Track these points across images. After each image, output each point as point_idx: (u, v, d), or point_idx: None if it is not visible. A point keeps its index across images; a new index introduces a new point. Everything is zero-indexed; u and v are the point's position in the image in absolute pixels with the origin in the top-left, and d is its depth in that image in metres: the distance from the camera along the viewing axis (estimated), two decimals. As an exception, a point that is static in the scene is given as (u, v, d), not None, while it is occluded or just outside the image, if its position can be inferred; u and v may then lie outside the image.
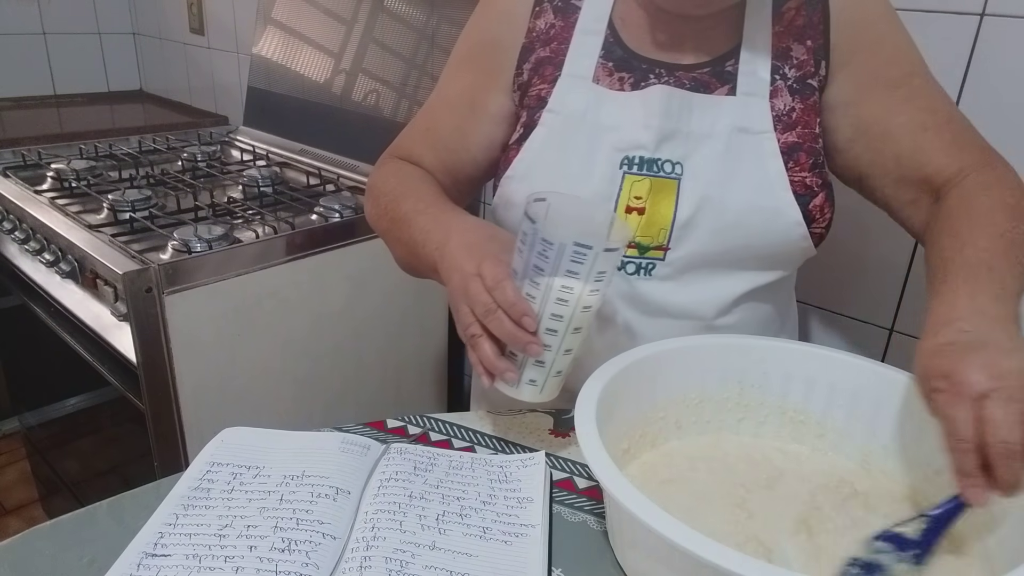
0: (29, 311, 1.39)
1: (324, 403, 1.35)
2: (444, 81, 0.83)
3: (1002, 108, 0.90)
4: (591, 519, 0.59)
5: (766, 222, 0.70)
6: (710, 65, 0.71)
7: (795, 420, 0.67)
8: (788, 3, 0.72)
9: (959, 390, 0.48)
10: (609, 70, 0.73)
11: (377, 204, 0.79)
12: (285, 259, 1.20)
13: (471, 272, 0.60)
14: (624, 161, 0.70)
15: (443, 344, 1.55)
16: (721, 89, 0.71)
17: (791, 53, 0.71)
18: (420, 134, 0.83)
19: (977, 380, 0.48)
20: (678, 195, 0.69)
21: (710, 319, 0.73)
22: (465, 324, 0.60)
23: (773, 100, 0.70)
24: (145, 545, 0.53)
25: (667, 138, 0.69)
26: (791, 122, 0.71)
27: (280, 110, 1.77)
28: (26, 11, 2.17)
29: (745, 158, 0.69)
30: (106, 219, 1.26)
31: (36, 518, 1.85)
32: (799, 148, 0.70)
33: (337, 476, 0.60)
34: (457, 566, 0.51)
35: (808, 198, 0.70)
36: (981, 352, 0.50)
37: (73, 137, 1.78)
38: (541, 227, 0.56)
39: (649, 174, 0.69)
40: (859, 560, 0.49)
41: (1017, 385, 0.47)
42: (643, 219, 0.70)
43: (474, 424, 0.71)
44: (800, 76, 0.71)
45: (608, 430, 0.54)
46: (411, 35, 1.48)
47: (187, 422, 1.14)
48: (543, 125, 0.73)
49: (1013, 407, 0.46)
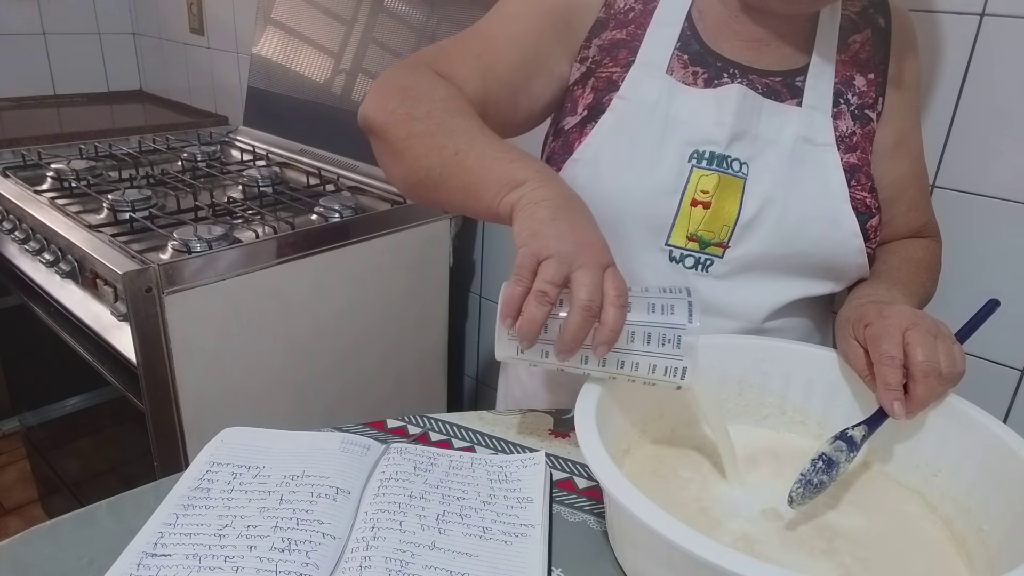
0: (29, 311, 1.39)
1: (324, 403, 1.35)
2: (503, 15, 0.76)
3: (1002, 108, 0.90)
4: (591, 519, 0.59)
5: (825, 231, 0.71)
6: (782, 76, 0.73)
7: (795, 420, 0.67)
8: (854, 36, 0.75)
9: (888, 323, 0.60)
10: (684, 63, 0.72)
11: (413, 103, 0.67)
12: (285, 259, 1.20)
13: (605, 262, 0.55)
14: (694, 155, 0.70)
15: (443, 344, 1.55)
16: (791, 101, 0.72)
17: (854, 82, 0.74)
18: (471, 57, 0.74)
19: (902, 318, 0.60)
20: (743, 194, 0.70)
21: (758, 322, 0.73)
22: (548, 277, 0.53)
23: (836, 121, 0.72)
24: (145, 545, 0.53)
25: (737, 137, 0.70)
26: (852, 144, 0.73)
27: (280, 110, 1.77)
28: (26, 11, 2.17)
29: (808, 167, 0.71)
30: (106, 219, 1.26)
31: (36, 518, 1.85)
32: (859, 169, 0.72)
33: (337, 476, 0.60)
34: (457, 566, 0.51)
35: (867, 216, 0.72)
36: (899, 305, 0.64)
37: (73, 137, 1.79)
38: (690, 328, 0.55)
39: (718, 170, 0.70)
40: (824, 455, 0.57)
41: (932, 324, 0.60)
42: (708, 213, 0.70)
43: (474, 424, 0.71)
44: (860, 104, 0.74)
45: (608, 430, 0.54)
46: (411, 35, 1.49)
47: (187, 422, 1.14)
48: (612, 111, 0.72)
49: (930, 338, 0.58)
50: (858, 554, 0.53)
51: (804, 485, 0.55)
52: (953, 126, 0.94)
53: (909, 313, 0.61)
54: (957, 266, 0.81)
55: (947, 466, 0.59)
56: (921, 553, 0.55)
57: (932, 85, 0.94)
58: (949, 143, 0.95)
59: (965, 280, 0.95)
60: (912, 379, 0.58)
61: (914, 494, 0.61)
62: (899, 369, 0.58)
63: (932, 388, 0.57)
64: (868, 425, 0.59)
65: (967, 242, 0.94)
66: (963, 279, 0.95)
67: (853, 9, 0.76)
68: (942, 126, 0.95)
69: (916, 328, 0.59)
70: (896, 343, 0.58)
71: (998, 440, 0.55)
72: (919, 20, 0.92)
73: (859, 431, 0.58)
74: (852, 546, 0.54)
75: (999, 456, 0.54)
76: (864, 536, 0.56)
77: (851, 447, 0.57)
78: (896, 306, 0.63)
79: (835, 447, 0.57)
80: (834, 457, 0.56)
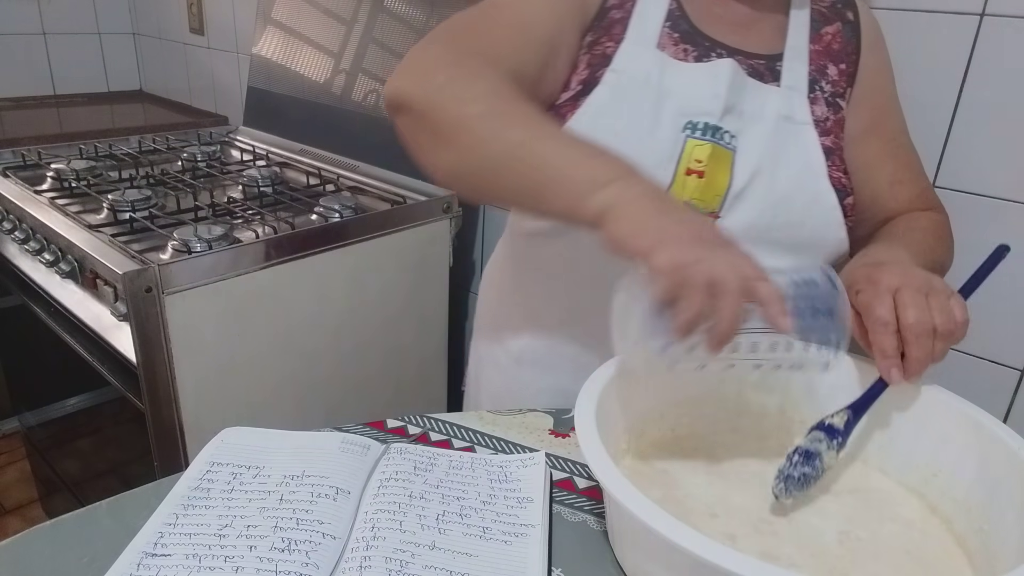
0: (29, 311, 1.39)
1: (324, 403, 1.35)
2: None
3: (1002, 108, 0.90)
4: (591, 519, 0.59)
5: (808, 204, 0.73)
6: (765, 59, 0.75)
7: (794, 420, 0.67)
8: (826, 28, 0.78)
9: (878, 287, 0.59)
10: (675, 40, 0.74)
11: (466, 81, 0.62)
12: (285, 259, 1.20)
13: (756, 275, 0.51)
14: (688, 125, 0.71)
15: (443, 344, 1.55)
16: (773, 83, 0.75)
17: (827, 71, 0.77)
18: (512, 29, 0.68)
19: (891, 278, 0.59)
20: (733, 165, 0.71)
21: None
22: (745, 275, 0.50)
23: (813, 106, 0.75)
24: (145, 545, 0.53)
25: (729, 111, 0.71)
26: (826, 129, 0.75)
27: (280, 110, 1.77)
28: (26, 11, 2.17)
29: (789, 144, 0.73)
30: (106, 219, 1.26)
31: (36, 518, 1.85)
32: (833, 152, 0.75)
33: (337, 476, 0.60)
34: (457, 566, 0.51)
35: (844, 194, 0.74)
36: (893, 265, 0.62)
37: (73, 137, 1.79)
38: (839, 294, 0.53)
39: (712, 140, 0.70)
40: (800, 448, 0.56)
41: (923, 281, 0.58)
42: (702, 183, 0.70)
43: (474, 424, 0.71)
44: (833, 92, 0.76)
45: (608, 430, 0.54)
46: (411, 35, 1.49)
47: (187, 422, 1.14)
48: (604, 84, 0.72)
49: (920, 296, 0.57)
50: (857, 554, 0.53)
51: (784, 480, 0.55)
52: (953, 126, 0.94)
53: (898, 272, 0.60)
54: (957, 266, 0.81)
55: (947, 466, 0.59)
56: (921, 553, 0.55)
57: (932, 85, 0.94)
58: (949, 143, 0.95)
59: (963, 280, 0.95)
60: (906, 343, 0.57)
61: (914, 494, 0.61)
62: (893, 334, 0.57)
63: (927, 348, 0.56)
64: (853, 409, 0.58)
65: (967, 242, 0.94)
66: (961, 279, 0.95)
67: (823, 3, 0.79)
68: (942, 126, 0.95)
69: (906, 288, 0.57)
70: (887, 307, 0.57)
71: (998, 440, 0.55)
72: (919, 20, 0.92)
73: (840, 417, 0.58)
74: (852, 546, 0.54)
75: (999, 456, 0.54)
76: (863, 536, 0.56)
77: (832, 435, 0.57)
78: (885, 266, 0.61)
79: (811, 438, 0.57)
80: (811, 448, 0.56)
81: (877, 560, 0.53)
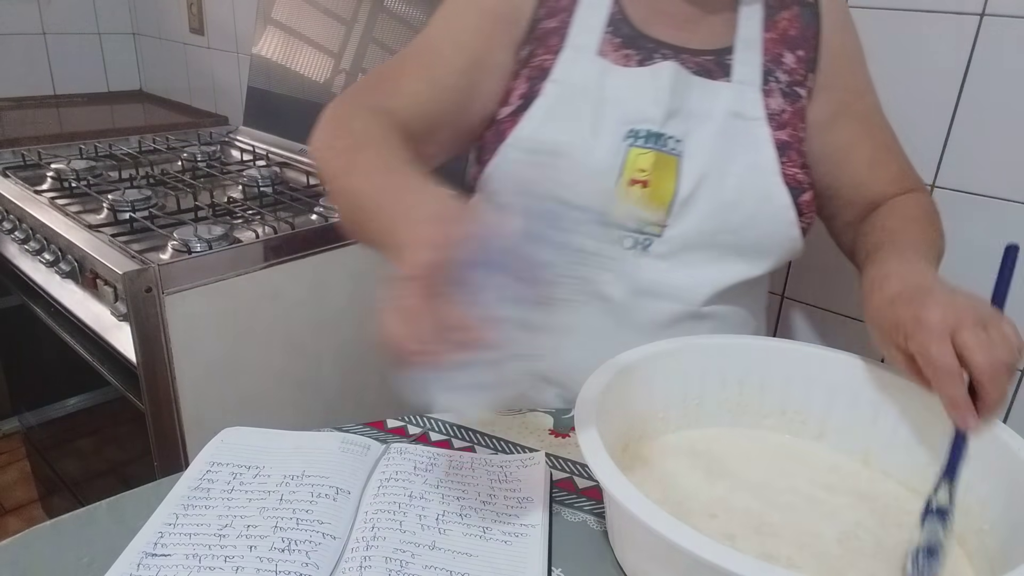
0: (29, 311, 1.39)
1: (324, 403, 1.35)
2: (445, 19, 0.75)
3: (1002, 108, 0.90)
4: (591, 519, 0.59)
5: (759, 204, 0.71)
6: (713, 55, 0.73)
7: (795, 420, 0.67)
8: (782, 13, 0.75)
9: (931, 331, 0.53)
10: (616, 45, 0.73)
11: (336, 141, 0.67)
12: (285, 259, 1.20)
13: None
14: (630, 134, 0.70)
15: (443, 344, 1.55)
16: (722, 79, 0.73)
17: (783, 59, 0.74)
18: (416, 69, 0.73)
19: (943, 317, 0.53)
20: (679, 172, 0.70)
21: (698, 305, 0.73)
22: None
23: (767, 99, 0.73)
24: (145, 545, 0.53)
25: (672, 114, 0.70)
26: (782, 122, 0.73)
27: (280, 110, 1.76)
28: (26, 11, 2.17)
29: (739, 142, 0.71)
30: (106, 219, 1.26)
31: (36, 518, 1.85)
32: (790, 147, 0.73)
33: (337, 476, 0.60)
34: (457, 566, 0.51)
35: (799, 191, 0.72)
36: (931, 295, 0.56)
37: (73, 137, 1.78)
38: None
39: (655, 148, 0.70)
40: (922, 548, 0.51)
41: (974, 314, 0.53)
42: (647, 192, 0.70)
43: (474, 424, 0.71)
44: (790, 82, 0.74)
45: (608, 430, 0.54)
46: (411, 35, 1.48)
47: (187, 422, 1.14)
48: (544, 96, 0.72)
49: (981, 332, 0.52)
50: (857, 555, 0.53)
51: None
52: (953, 126, 0.94)
53: (945, 305, 0.54)
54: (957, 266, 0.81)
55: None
56: (921, 553, 0.55)
57: (932, 85, 0.94)
58: (949, 143, 0.95)
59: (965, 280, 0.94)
60: (980, 386, 0.52)
61: (914, 495, 0.61)
62: (961, 382, 0.52)
63: (1003, 387, 0.52)
64: (948, 474, 0.54)
65: (967, 242, 0.94)
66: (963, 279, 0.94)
67: None
68: (942, 126, 0.95)
69: (963, 327, 0.52)
70: (948, 351, 0.52)
71: (998, 440, 0.55)
72: (919, 20, 0.92)
73: (943, 494, 0.53)
74: (852, 546, 0.54)
75: (999, 456, 0.54)
76: (864, 537, 0.56)
77: (943, 516, 0.52)
78: (928, 302, 0.55)
79: (929, 532, 0.52)
80: (932, 543, 0.51)
81: (877, 561, 0.53)
